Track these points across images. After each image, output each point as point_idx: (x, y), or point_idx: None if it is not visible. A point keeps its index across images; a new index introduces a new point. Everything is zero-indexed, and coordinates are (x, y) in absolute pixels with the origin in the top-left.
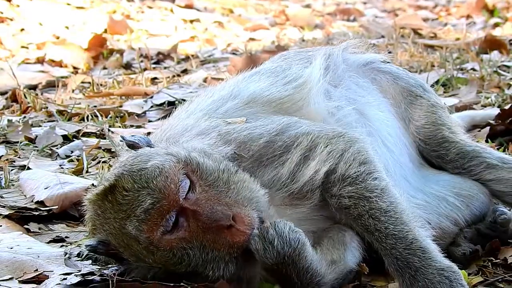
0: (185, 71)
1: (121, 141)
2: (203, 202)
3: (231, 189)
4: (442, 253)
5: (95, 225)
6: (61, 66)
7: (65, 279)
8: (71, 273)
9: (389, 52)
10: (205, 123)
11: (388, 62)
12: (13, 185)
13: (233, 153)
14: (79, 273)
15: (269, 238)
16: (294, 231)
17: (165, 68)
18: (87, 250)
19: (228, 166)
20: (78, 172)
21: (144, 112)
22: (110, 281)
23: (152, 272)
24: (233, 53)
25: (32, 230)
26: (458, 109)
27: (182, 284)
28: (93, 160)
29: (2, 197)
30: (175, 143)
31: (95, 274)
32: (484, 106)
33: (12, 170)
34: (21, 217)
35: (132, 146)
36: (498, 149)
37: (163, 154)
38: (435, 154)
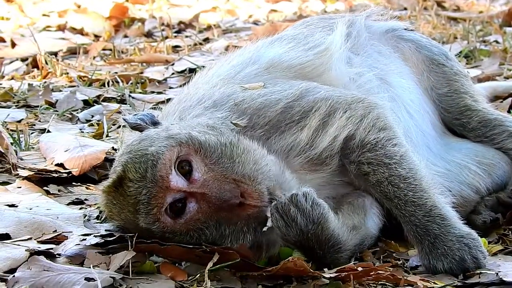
0: (206, 40)
1: (124, 122)
2: (210, 182)
3: (236, 163)
4: (462, 221)
5: (112, 212)
6: (82, 34)
7: (84, 239)
8: (91, 234)
9: (412, 23)
10: (221, 90)
11: (411, 30)
12: (33, 148)
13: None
14: (98, 234)
15: (291, 215)
16: (317, 205)
17: (186, 37)
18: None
19: (230, 138)
20: (98, 136)
21: (165, 79)
22: (129, 242)
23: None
24: (255, 24)
25: (51, 192)
26: (481, 80)
27: (201, 246)
28: (113, 124)
29: (22, 159)
30: (183, 118)
31: (114, 236)
32: (506, 78)
33: (32, 133)
34: (41, 179)
35: (136, 128)
36: None
37: (163, 138)
38: (457, 122)
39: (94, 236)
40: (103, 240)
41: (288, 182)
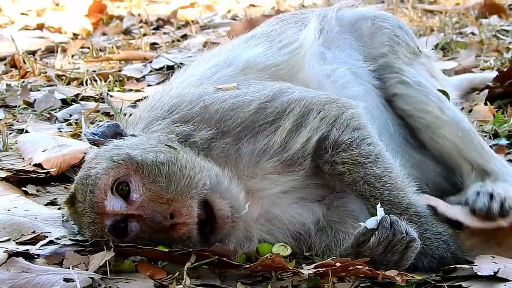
0: (184, 36)
1: (83, 136)
2: (146, 203)
3: (171, 181)
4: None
5: (74, 222)
6: (60, 33)
7: (59, 239)
8: (67, 236)
9: None
10: (192, 91)
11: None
12: (11, 148)
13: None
14: (75, 238)
15: (393, 251)
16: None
17: (164, 33)
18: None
19: (169, 156)
20: (76, 135)
21: (143, 76)
22: (104, 245)
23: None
24: (233, 19)
25: (30, 193)
26: (457, 72)
27: (178, 248)
28: (92, 123)
29: (0, 160)
30: (146, 130)
31: (89, 241)
32: (483, 69)
33: (10, 133)
34: (19, 180)
35: (94, 143)
36: (497, 111)
37: (105, 159)
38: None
39: (70, 239)
40: (78, 243)
41: (229, 191)
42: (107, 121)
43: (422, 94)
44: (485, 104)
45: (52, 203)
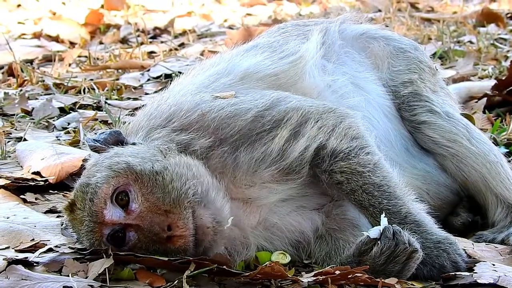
0: (182, 45)
1: (85, 142)
2: (145, 213)
3: (167, 192)
4: (440, 224)
5: (73, 228)
6: (57, 41)
7: (58, 247)
8: (66, 244)
9: (386, 26)
10: (189, 99)
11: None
12: (9, 156)
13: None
14: (74, 246)
15: (396, 261)
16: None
17: (162, 42)
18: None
19: (165, 165)
20: (74, 144)
21: (141, 85)
22: (103, 253)
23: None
24: (230, 28)
25: (28, 200)
26: (455, 80)
27: (176, 257)
28: (90, 131)
29: None
30: (147, 138)
31: (88, 250)
32: (481, 78)
33: (8, 142)
34: (18, 188)
35: (95, 150)
36: (495, 120)
37: (105, 167)
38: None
39: (69, 247)
40: (77, 251)
41: (214, 202)
42: (109, 128)
43: (451, 124)
44: (484, 112)
45: (51, 211)
